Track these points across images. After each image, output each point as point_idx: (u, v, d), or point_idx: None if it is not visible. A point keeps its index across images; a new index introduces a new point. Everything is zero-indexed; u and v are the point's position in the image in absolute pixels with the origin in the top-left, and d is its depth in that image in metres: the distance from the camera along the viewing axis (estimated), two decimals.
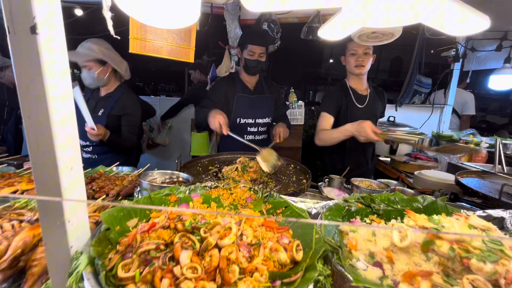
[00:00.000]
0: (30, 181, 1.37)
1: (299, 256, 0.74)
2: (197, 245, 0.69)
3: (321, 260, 0.72)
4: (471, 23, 0.61)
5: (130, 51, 1.23)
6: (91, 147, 2.18)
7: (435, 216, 0.77)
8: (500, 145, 2.20)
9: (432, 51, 3.57)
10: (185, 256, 0.64)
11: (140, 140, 2.44)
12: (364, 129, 1.69)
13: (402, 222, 1.01)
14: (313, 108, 3.99)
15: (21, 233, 0.82)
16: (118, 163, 1.85)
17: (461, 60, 3.57)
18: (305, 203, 1.12)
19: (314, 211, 1.09)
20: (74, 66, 2.56)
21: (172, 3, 0.57)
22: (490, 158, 2.46)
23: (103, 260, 0.66)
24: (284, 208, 1.04)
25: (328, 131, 2.01)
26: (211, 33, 3.37)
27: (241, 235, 0.73)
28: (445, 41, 3.43)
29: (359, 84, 2.14)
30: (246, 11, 3.48)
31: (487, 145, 2.53)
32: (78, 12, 3.13)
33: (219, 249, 0.67)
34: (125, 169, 1.85)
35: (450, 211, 1.02)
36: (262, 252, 0.71)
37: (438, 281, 0.61)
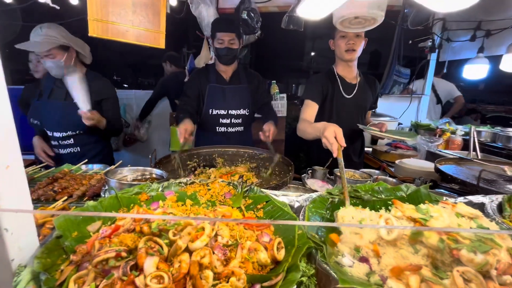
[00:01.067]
0: None
1: (280, 255, 0.68)
2: (165, 249, 0.60)
3: (304, 258, 0.66)
4: None
5: (89, 34, 1.08)
6: (71, 139, 1.99)
7: (422, 206, 0.74)
8: (474, 133, 2.26)
9: (410, 42, 3.61)
10: (150, 264, 0.56)
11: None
12: (327, 131, 1.34)
13: (387, 211, 0.98)
14: (296, 101, 3.94)
15: None
16: (86, 160, 1.71)
17: (437, 50, 3.65)
18: (288, 197, 1.06)
19: (297, 204, 1.04)
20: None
21: None
22: (465, 145, 2.54)
23: (52, 274, 0.57)
24: (265, 202, 0.97)
25: (306, 125, 1.81)
26: (191, 23, 3.20)
27: (216, 235, 0.66)
28: (422, 32, 3.48)
29: (348, 71, 1.99)
30: None
31: (462, 132, 2.61)
32: None
33: (191, 254, 0.60)
34: (95, 167, 1.71)
35: (434, 199, 1.00)
36: (240, 254, 0.64)
37: (427, 274, 0.57)
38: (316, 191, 1.55)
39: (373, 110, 2.38)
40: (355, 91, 2.00)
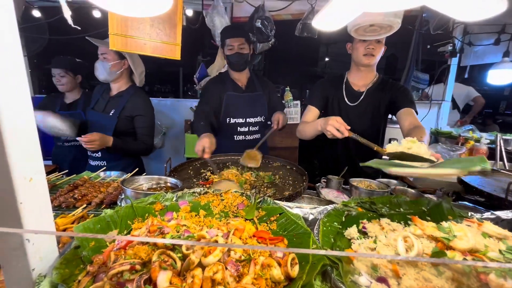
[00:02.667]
0: None
1: (294, 271, 0.66)
2: (178, 263, 0.60)
3: (319, 276, 0.64)
4: (484, 6, 0.53)
5: (110, 47, 1.14)
6: (99, 152, 2.05)
7: (444, 224, 0.69)
8: (501, 141, 2.14)
9: (428, 47, 3.51)
10: (163, 278, 0.56)
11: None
12: (327, 123, 1.44)
13: (406, 225, 0.94)
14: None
15: None
16: (104, 168, 1.76)
17: (458, 55, 3.51)
18: (302, 209, 1.04)
19: (311, 217, 1.01)
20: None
21: None
22: (491, 154, 2.40)
23: (70, 285, 0.58)
24: (278, 215, 0.96)
25: (304, 124, 1.83)
26: (206, 32, 3.28)
27: (229, 250, 0.65)
28: (442, 36, 3.37)
29: (361, 78, 1.90)
30: (239, 8, 3.40)
31: (488, 141, 2.48)
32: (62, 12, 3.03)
33: (203, 268, 0.59)
34: (113, 174, 1.76)
35: (457, 215, 0.94)
36: (253, 270, 0.63)
37: None
38: (330, 201, 1.52)
39: (389, 117, 2.07)
40: (360, 100, 1.88)
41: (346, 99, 1.90)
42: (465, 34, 3.33)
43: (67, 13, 0.54)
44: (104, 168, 1.79)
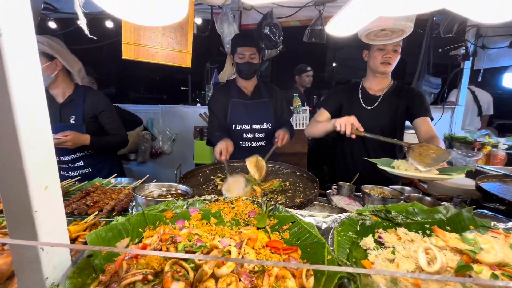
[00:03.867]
0: None
1: (309, 283, 0.64)
2: (191, 274, 0.59)
3: None
4: (507, 6, 0.51)
5: (123, 56, 1.16)
6: (81, 160, 1.99)
7: (468, 235, 0.66)
8: None
9: (440, 50, 3.45)
10: None
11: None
12: (343, 120, 1.57)
13: (425, 235, 0.90)
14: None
15: None
16: (115, 174, 1.78)
17: (471, 58, 3.44)
18: (314, 217, 1.01)
19: (324, 226, 0.99)
20: None
21: None
22: (509, 160, 2.32)
23: None
24: (291, 223, 0.93)
25: (316, 122, 1.92)
26: (214, 39, 3.33)
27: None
28: (454, 40, 3.31)
29: (377, 83, 1.93)
30: (247, 15, 3.44)
31: (506, 146, 2.39)
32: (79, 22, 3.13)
33: (216, 279, 0.58)
34: (124, 181, 1.77)
35: (479, 224, 0.90)
36: (267, 281, 0.61)
37: None
38: (342, 209, 1.48)
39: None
40: (377, 103, 1.91)
41: (362, 103, 1.92)
42: (478, 37, 3.26)
43: (83, 23, 0.55)
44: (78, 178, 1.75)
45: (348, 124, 1.56)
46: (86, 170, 2.02)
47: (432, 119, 1.85)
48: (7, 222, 0.57)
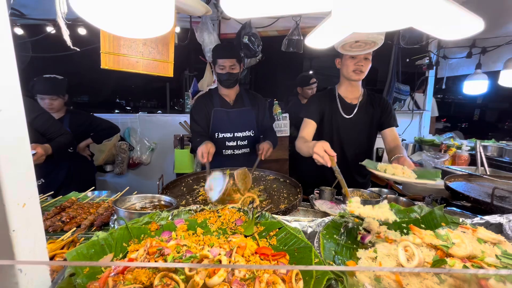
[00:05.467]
0: None
1: (299, 287, 0.65)
2: (182, 286, 0.58)
3: None
4: (467, 25, 0.58)
5: (102, 66, 1.13)
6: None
7: (441, 231, 0.72)
8: (481, 147, 2.25)
9: (407, 60, 3.71)
10: None
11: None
12: (315, 147, 1.42)
13: (402, 234, 0.96)
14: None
15: None
16: (93, 188, 1.70)
17: (434, 67, 3.73)
18: (300, 222, 1.04)
19: (309, 230, 1.01)
20: None
21: (143, 11, 0.50)
22: (472, 160, 2.52)
23: None
24: (277, 229, 0.95)
25: (302, 142, 1.86)
26: (193, 47, 3.33)
27: (233, 269, 0.64)
28: (419, 50, 3.58)
29: (351, 91, 1.99)
30: (227, 25, 3.48)
31: (468, 147, 2.60)
32: (50, 29, 2.99)
33: None
34: (102, 194, 1.70)
35: (450, 221, 0.97)
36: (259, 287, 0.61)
37: None
38: (325, 212, 1.53)
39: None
40: (355, 111, 1.97)
41: (341, 112, 1.97)
42: (440, 48, 3.56)
43: (65, 33, 0.54)
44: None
45: (325, 157, 1.41)
46: (39, 182, 1.94)
47: (397, 126, 2.00)
48: None
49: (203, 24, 2.93)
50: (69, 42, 0.54)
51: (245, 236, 0.90)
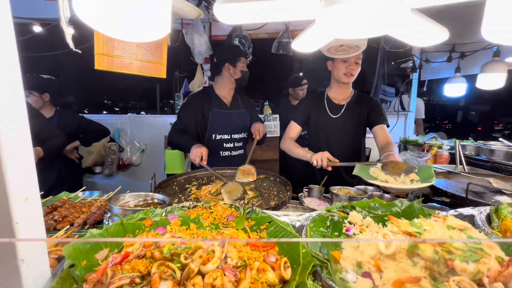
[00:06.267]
0: None
1: (287, 274, 0.70)
2: (178, 273, 0.62)
3: (310, 276, 0.69)
4: (432, 35, 0.65)
5: (95, 67, 1.15)
6: None
7: (416, 220, 0.79)
8: (459, 147, 2.38)
9: (392, 63, 3.86)
10: None
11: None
12: (319, 156, 1.72)
13: (384, 226, 1.03)
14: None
15: None
16: (84, 188, 1.70)
17: (418, 70, 3.90)
18: (289, 216, 1.09)
19: (298, 224, 1.07)
20: None
21: (141, 15, 0.54)
22: (452, 159, 2.65)
23: None
24: (267, 223, 1.00)
25: (293, 144, 2.01)
26: (182, 49, 3.35)
27: (225, 257, 0.68)
28: (403, 54, 3.73)
29: (340, 93, 2.07)
30: (217, 27, 3.52)
31: (448, 147, 2.73)
32: (37, 29, 2.95)
33: (203, 276, 0.62)
34: (93, 194, 1.70)
35: (426, 213, 1.05)
36: (249, 274, 0.66)
37: (427, 286, 0.61)
38: (314, 209, 1.59)
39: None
40: (342, 111, 2.04)
41: (328, 112, 2.05)
42: (422, 52, 3.72)
43: (68, 37, 0.57)
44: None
45: (324, 159, 1.70)
46: None
47: (388, 126, 2.06)
48: None
49: (193, 26, 2.96)
50: (71, 45, 0.57)
51: (237, 230, 0.95)
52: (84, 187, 1.70)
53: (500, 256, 0.63)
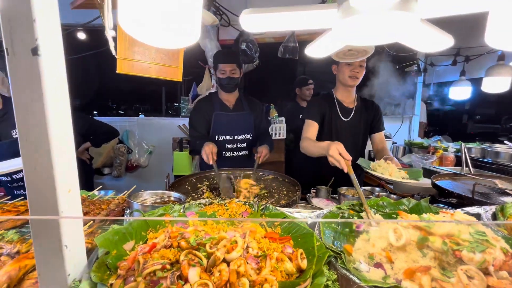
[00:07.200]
0: (2, 211, 1.27)
1: (304, 264, 0.75)
2: (204, 261, 0.68)
3: (326, 265, 0.74)
4: (438, 41, 0.70)
5: (117, 71, 1.22)
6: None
7: (424, 215, 0.83)
8: (465, 149, 2.41)
9: (397, 67, 3.90)
10: (193, 273, 0.63)
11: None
12: (329, 151, 1.51)
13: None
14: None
15: (5, 267, 0.76)
16: (100, 186, 1.77)
17: (423, 74, 3.94)
18: (301, 213, 1.14)
19: (310, 221, 1.11)
20: None
21: (177, 22, 0.60)
22: (458, 161, 2.68)
23: (106, 286, 0.63)
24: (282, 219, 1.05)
25: (310, 143, 1.94)
26: (189, 52, 3.44)
27: (247, 247, 0.74)
28: (408, 58, 3.78)
29: (347, 96, 2.11)
30: (225, 31, 3.61)
31: (454, 149, 2.76)
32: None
33: (227, 264, 0.67)
34: (109, 193, 1.76)
35: (434, 211, 1.09)
36: (269, 263, 0.71)
37: (437, 274, 0.66)
38: (322, 209, 1.64)
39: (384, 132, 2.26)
40: (352, 115, 2.09)
41: (340, 115, 2.09)
42: (427, 56, 3.76)
43: (111, 45, 0.63)
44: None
45: (341, 161, 1.49)
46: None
47: (384, 130, 2.21)
48: (32, 224, 0.62)
49: (205, 31, 3.04)
50: (114, 52, 0.63)
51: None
52: (101, 186, 1.77)
53: (505, 247, 0.68)
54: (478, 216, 1.16)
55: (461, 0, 0.63)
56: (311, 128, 2.04)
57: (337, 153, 1.46)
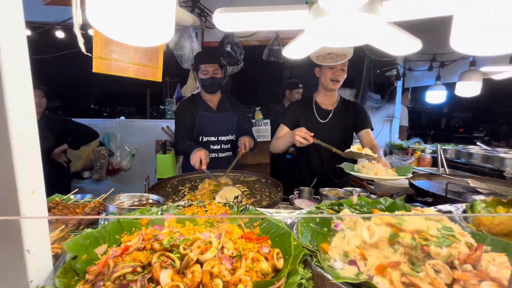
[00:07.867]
0: None
1: (280, 263, 0.75)
2: (177, 263, 0.66)
3: (301, 264, 0.74)
4: (408, 45, 0.73)
5: (93, 70, 1.18)
6: None
7: (397, 212, 0.86)
8: (441, 151, 2.52)
9: (378, 71, 4.04)
10: (165, 276, 0.62)
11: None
12: (294, 134, 1.76)
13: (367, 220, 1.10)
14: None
15: None
16: (76, 190, 1.70)
17: (402, 78, 4.09)
18: (280, 214, 1.14)
19: (289, 221, 1.12)
20: None
21: (148, 22, 0.59)
22: (434, 162, 2.79)
23: None
24: (260, 220, 1.05)
25: (277, 139, 2.10)
26: (173, 54, 3.40)
27: (222, 248, 0.73)
28: (388, 63, 3.92)
29: (327, 98, 2.16)
30: (210, 33, 3.60)
31: (430, 151, 2.87)
32: (26, 32, 2.92)
33: (201, 265, 0.66)
34: (85, 197, 1.70)
35: (408, 209, 1.13)
36: (244, 264, 0.71)
37: (406, 269, 0.67)
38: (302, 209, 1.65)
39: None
40: (330, 116, 2.13)
41: (317, 117, 2.13)
42: (406, 61, 3.92)
43: (81, 42, 0.61)
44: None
45: (306, 137, 1.74)
46: None
47: (372, 129, 2.17)
48: None
49: (183, 32, 3.01)
50: (83, 49, 0.61)
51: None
52: (77, 189, 1.70)
53: (469, 242, 0.71)
54: (450, 214, 1.21)
55: (425, 5, 0.66)
56: (282, 132, 2.14)
57: (302, 133, 1.64)
